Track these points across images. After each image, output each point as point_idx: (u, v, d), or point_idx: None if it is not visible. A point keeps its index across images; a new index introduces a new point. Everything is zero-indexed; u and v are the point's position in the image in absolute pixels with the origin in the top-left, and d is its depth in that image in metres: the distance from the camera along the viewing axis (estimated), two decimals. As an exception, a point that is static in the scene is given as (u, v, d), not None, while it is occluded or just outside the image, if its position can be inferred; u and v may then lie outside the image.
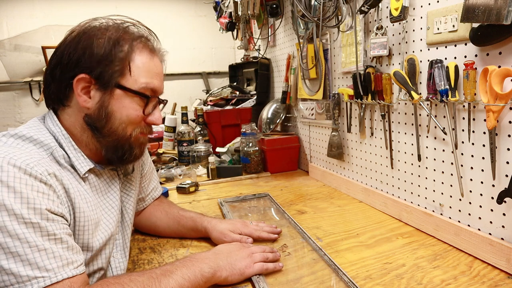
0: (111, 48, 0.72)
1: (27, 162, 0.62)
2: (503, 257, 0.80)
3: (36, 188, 0.61)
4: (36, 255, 0.58)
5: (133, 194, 0.93)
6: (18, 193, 0.59)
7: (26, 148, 0.67)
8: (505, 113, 0.79)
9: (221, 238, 0.98)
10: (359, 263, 0.88)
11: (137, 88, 0.75)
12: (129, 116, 0.76)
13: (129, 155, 0.79)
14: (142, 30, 0.80)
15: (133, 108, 0.76)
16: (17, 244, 0.57)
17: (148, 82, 0.76)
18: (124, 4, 2.86)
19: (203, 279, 0.74)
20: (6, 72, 2.63)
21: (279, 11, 1.85)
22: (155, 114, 0.81)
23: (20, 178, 0.60)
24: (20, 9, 2.65)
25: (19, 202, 0.58)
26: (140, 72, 0.76)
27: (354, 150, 1.37)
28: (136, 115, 0.77)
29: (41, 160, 0.65)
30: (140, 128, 0.79)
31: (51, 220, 0.62)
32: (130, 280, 0.66)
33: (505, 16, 0.71)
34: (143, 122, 0.80)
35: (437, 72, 0.91)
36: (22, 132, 0.69)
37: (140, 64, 0.76)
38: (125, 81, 0.74)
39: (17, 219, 0.58)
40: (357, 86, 1.21)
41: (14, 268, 0.56)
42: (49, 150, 0.70)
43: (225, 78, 3.13)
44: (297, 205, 1.32)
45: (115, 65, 0.72)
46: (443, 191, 0.99)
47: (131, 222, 0.92)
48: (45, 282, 0.58)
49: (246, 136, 1.77)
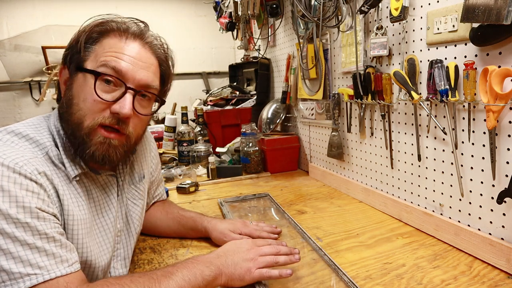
0: (79, 35, 0.71)
1: (16, 161, 0.60)
2: (503, 257, 0.80)
3: (25, 186, 0.59)
4: (28, 253, 0.57)
5: (141, 204, 0.90)
6: (6, 191, 0.57)
7: (20, 146, 0.65)
8: (505, 113, 0.79)
9: (221, 238, 0.98)
10: (359, 263, 0.88)
11: (94, 67, 0.69)
12: (85, 100, 0.68)
13: (82, 151, 0.69)
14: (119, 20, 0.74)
15: (88, 92, 0.68)
16: (8, 242, 0.56)
17: (107, 60, 0.68)
18: (124, 4, 2.87)
19: (203, 281, 0.71)
20: (6, 72, 2.63)
21: (279, 11, 1.85)
22: (121, 102, 0.69)
23: (8, 177, 0.58)
24: (20, 9, 2.65)
25: (7, 201, 0.57)
26: (104, 53, 0.70)
27: (354, 150, 1.37)
28: (93, 99, 0.68)
29: (32, 159, 0.63)
30: (103, 119, 0.68)
31: (42, 219, 0.60)
32: (131, 281, 0.65)
33: (505, 16, 0.71)
34: (109, 112, 0.69)
35: (437, 72, 0.91)
36: (19, 129, 0.68)
37: (107, 46, 0.70)
38: (87, 63, 0.70)
39: (5, 219, 0.56)
40: (357, 86, 1.21)
41: (6, 265, 0.55)
42: (44, 149, 0.68)
43: (225, 78, 3.13)
44: (297, 205, 1.31)
45: (80, 49, 0.70)
46: (443, 191, 0.99)
47: (136, 233, 0.89)
48: (38, 279, 0.57)
49: (246, 136, 1.77)
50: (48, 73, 2.61)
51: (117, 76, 0.69)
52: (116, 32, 0.72)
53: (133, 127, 0.73)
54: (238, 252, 0.79)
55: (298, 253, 0.83)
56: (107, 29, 0.72)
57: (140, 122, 0.76)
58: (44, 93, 2.61)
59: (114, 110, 0.68)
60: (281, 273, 0.76)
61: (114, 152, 0.71)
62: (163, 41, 0.81)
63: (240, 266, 0.76)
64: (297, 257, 0.82)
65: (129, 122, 0.72)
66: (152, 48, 0.76)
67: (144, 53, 0.74)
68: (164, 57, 0.80)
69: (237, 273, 0.75)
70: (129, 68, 0.70)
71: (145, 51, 0.74)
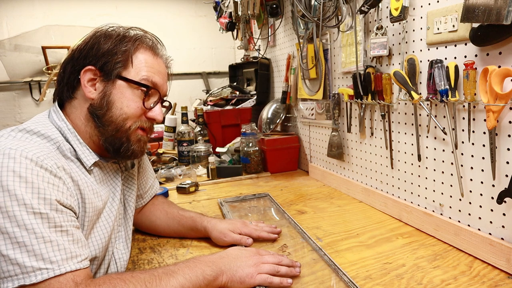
0: (115, 44, 0.78)
1: (38, 155, 0.64)
2: (503, 257, 0.80)
3: (47, 179, 0.63)
4: (42, 247, 0.59)
5: (134, 188, 0.97)
6: (29, 183, 0.60)
7: (35, 142, 0.69)
8: (505, 113, 0.79)
9: (221, 238, 0.98)
10: (359, 263, 0.88)
11: (138, 79, 0.79)
12: (129, 107, 0.78)
13: (126, 149, 0.80)
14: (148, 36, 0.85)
15: (133, 100, 0.79)
16: (24, 234, 0.58)
17: (149, 76, 0.80)
18: (124, 4, 2.86)
19: (204, 281, 0.73)
20: (6, 72, 2.62)
21: (279, 11, 1.85)
22: (156, 110, 0.83)
23: (32, 169, 0.62)
24: (20, 9, 2.65)
25: (30, 192, 0.60)
26: (142, 66, 0.80)
27: (354, 150, 1.37)
28: (136, 107, 0.79)
29: (50, 153, 0.67)
30: (140, 123, 0.81)
31: (60, 212, 0.64)
32: (132, 277, 0.67)
33: (505, 16, 0.71)
34: (144, 117, 0.82)
35: (437, 72, 0.91)
36: (30, 127, 0.71)
37: (142, 60, 0.81)
38: (127, 72, 0.78)
39: (26, 209, 0.59)
40: (357, 86, 1.21)
41: (20, 258, 0.57)
42: (55, 144, 0.72)
43: (225, 78, 3.13)
44: (297, 205, 1.32)
45: (118, 57, 0.78)
46: (443, 191, 0.99)
47: (132, 215, 0.95)
48: (49, 274, 0.59)
49: (246, 136, 1.77)
50: (48, 73, 2.60)
51: (155, 89, 0.82)
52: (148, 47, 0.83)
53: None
54: (241, 256, 0.81)
55: (299, 267, 0.84)
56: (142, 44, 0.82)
57: None
58: (44, 93, 2.61)
59: (151, 117, 0.82)
60: (282, 281, 0.78)
61: (144, 147, 0.85)
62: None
63: (242, 269, 0.78)
64: (298, 270, 0.83)
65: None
66: (166, 63, 0.89)
67: (164, 69, 0.87)
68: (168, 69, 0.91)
69: (238, 275, 0.76)
70: (160, 83, 0.83)
71: (165, 67, 0.88)
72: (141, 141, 0.83)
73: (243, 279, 0.76)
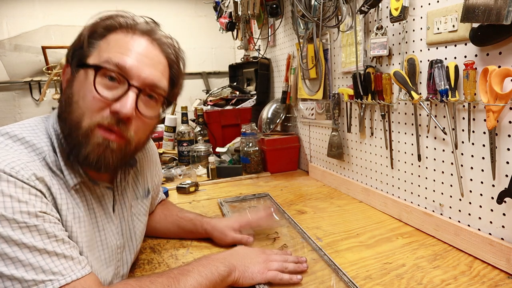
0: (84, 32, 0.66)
1: (12, 165, 0.55)
2: (503, 257, 0.80)
3: (28, 190, 0.56)
4: (39, 259, 0.54)
5: (144, 220, 0.87)
6: (7, 196, 0.53)
7: (15, 150, 0.59)
8: (505, 113, 0.79)
9: (222, 239, 0.99)
10: (359, 263, 0.88)
11: (96, 63, 0.63)
12: (84, 98, 0.61)
13: (77, 152, 0.62)
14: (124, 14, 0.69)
15: (88, 88, 0.62)
16: (15, 249, 0.52)
17: (110, 57, 0.62)
18: (124, 4, 2.86)
19: (219, 277, 0.73)
20: (6, 72, 2.62)
21: (279, 11, 1.85)
22: (122, 100, 0.62)
23: (7, 181, 0.54)
24: (20, 9, 2.65)
25: (9, 207, 0.53)
26: (109, 48, 0.64)
27: (354, 150, 1.37)
28: (92, 97, 0.61)
29: (29, 163, 0.58)
30: (101, 118, 0.62)
31: (48, 221, 0.57)
32: (150, 282, 0.65)
33: (505, 16, 0.71)
34: (108, 111, 0.62)
35: (437, 72, 0.91)
36: (15, 131, 0.62)
37: (112, 42, 0.65)
38: (89, 59, 0.64)
39: (10, 224, 0.53)
40: (357, 86, 1.21)
41: (17, 274, 0.52)
42: (41, 154, 0.62)
43: (225, 78, 3.13)
44: (297, 205, 1.31)
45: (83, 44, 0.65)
46: (443, 191, 0.99)
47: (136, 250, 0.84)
48: (54, 285, 0.54)
49: (246, 136, 1.77)
50: (48, 73, 2.60)
51: (120, 72, 0.62)
52: (123, 27, 0.67)
53: (135, 130, 0.65)
54: (249, 254, 0.83)
55: (306, 261, 0.86)
56: (113, 23, 0.66)
57: (144, 125, 0.68)
58: (44, 93, 2.61)
59: (114, 109, 0.61)
60: (291, 278, 0.79)
61: (111, 155, 0.64)
62: (174, 40, 0.75)
63: (253, 265, 0.79)
64: (305, 265, 0.84)
65: (130, 124, 0.64)
66: (161, 46, 0.70)
67: (152, 50, 0.67)
68: (174, 57, 0.73)
69: (249, 271, 0.78)
70: (134, 64, 0.64)
71: (153, 48, 0.68)
72: (103, 146, 0.62)
73: (254, 275, 0.78)
